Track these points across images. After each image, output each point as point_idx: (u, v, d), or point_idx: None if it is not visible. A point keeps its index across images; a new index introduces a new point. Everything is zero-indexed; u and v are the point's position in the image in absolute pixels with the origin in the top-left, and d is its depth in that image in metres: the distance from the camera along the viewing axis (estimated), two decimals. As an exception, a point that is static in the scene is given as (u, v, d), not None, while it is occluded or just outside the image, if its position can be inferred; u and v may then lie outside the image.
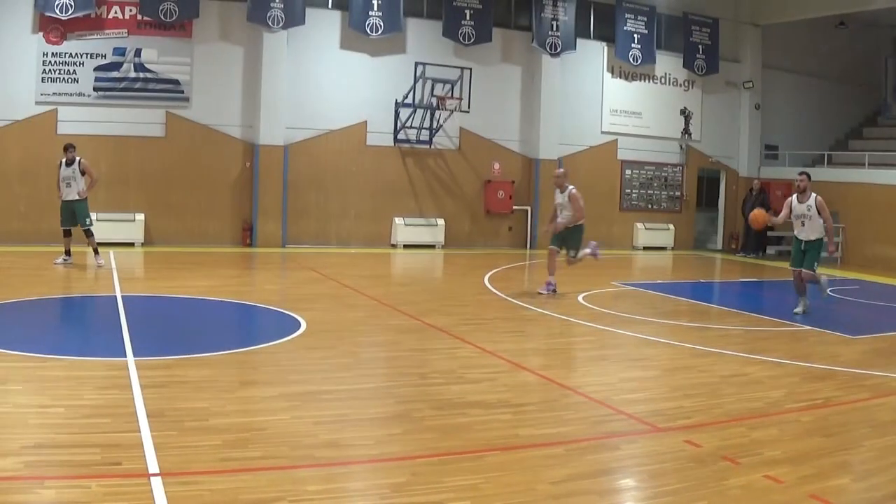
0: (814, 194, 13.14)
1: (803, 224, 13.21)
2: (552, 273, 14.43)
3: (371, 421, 6.78)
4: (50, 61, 19.69)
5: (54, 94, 19.71)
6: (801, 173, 13.52)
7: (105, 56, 19.92)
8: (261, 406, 7.08)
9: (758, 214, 13.90)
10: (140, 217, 20.13)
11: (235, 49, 21.22)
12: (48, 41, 19.61)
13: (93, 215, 16.38)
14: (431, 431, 6.45)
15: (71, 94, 19.82)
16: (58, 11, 19.24)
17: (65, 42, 19.73)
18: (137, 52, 20.17)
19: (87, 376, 7.77)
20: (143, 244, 20.04)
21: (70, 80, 19.78)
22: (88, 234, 16.08)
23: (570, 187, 14.49)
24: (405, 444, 6.21)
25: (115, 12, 20.02)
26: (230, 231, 21.15)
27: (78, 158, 15.89)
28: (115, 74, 20.06)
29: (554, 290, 14.23)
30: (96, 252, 16.10)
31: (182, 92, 20.55)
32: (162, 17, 20.03)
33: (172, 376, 7.85)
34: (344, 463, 5.84)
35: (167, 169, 20.57)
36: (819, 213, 13.02)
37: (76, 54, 19.80)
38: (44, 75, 19.64)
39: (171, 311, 11.94)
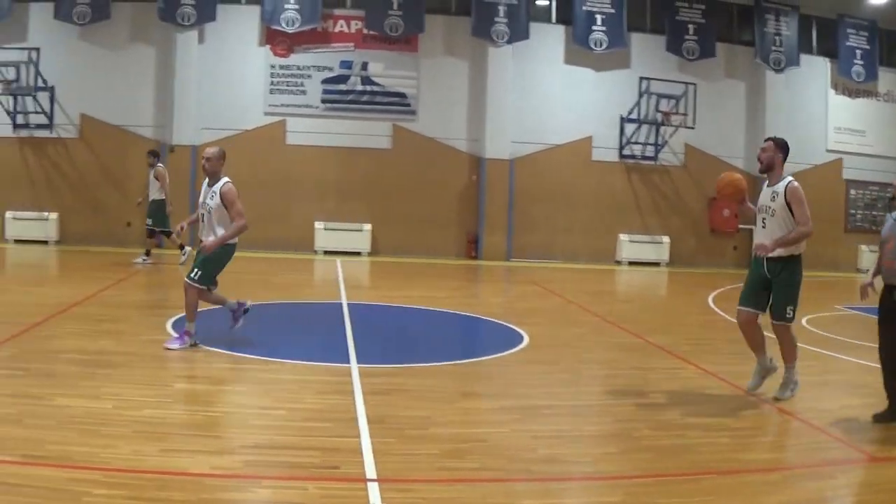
0: (789, 178, 8.15)
1: (764, 224, 8.21)
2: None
3: (589, 438, 6.90)
4: (277, 73, 21.32)
5: (282, 105, 21.33)
6: (766, 139, 8.47)
7: (332, 69, 21.32)
8: (480, 418, 7.29)
9: (729, 177, 8.74)
10: (367, 227, 21.37)
11: (461, 63, 22.15)
12: (275, 54, 21.27)
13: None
14: (648, 451, 6.48)
15: (299, 106, 21.36)
16: (284, 25, 20.84)
17: (292, 55, 21.29)
18: (364, 66, 21.44)
19: (310, 380, 8.36)
20: (369, 254, 21.24)
21: (298, 92, 21.31)
22: (151, 234, 17.80)
23: None
24: (621, 463, 6.28)
25: (341, 26, 21.43)
26: (455, 243, 21.89)
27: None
28: (342, 87, 21.44)
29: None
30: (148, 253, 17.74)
31: (409, 105, 21.62)
32: (388, 31, 21.17)
33: (394, 384, 8.24)
34: (559, 479, 5.93)
35: (394, 180, 21.66)
36: (790, 208, 8.04)
37: (303, 67, 21.35)
38: (272, 87, 21.34)
39: (395, 320, 12.57)
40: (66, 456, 5.98)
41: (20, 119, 21.61)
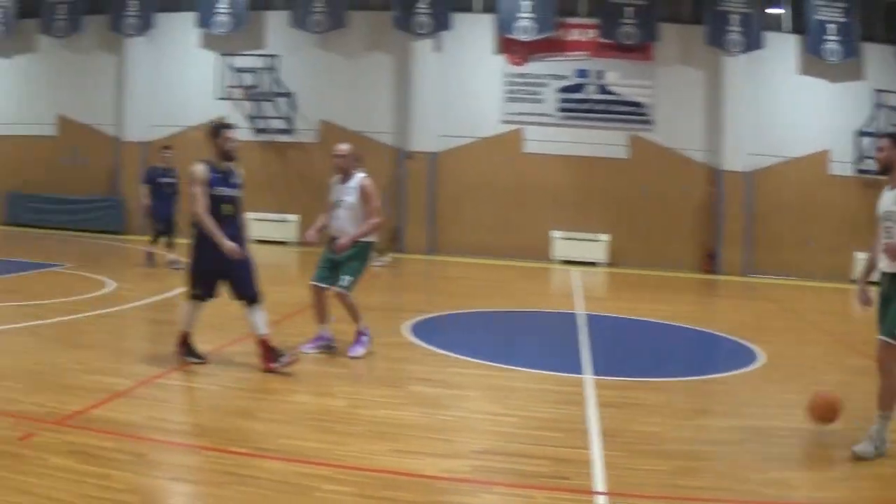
0: None
1: (890, 233, 7.04)
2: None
3: (820, 462, 6.89)
4: (513, 82, 21.91)
5: (519, 113, 21.93)
6: (882, 136, 7.32)
7: (567, 77, 21.68)
8: (711, 436, 7.27)
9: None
10: (604, 238, 21.60)
11: (696, 72, 22.08)
12: (511, 62, 21.89)
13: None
14: (875, 480, 6.42)
15: (535, 115, 21.88)
16: (519, 33, 21.42)
17: (527, 64, 21.77)
18: (600, 75, 21.63)
19: (543, 389, 8.67)
20: (606, 265, 21.49)
21: (534, 101, 21.84)
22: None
23: None
24: (847, 490, 6.24)
25: (576, 35, 21.76)
26: (691, 256, 21.81)
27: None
28: (578, 96, 21.76)
29: None
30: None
31: (645, 115, 21.67)
32: (621, 39, 21.32)
33: (628, 398, 8.38)
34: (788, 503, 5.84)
35: (630, 191, 21.91)
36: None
37: (539, 75, 21.86)
38: (508, 95, 21.92)
39: (629, 333, 12.85)
40: (298, 451, 6.44)
41: (261, 124, 22.60)
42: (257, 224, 22.06)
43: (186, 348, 8.96)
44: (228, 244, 8.54)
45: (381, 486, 5.79)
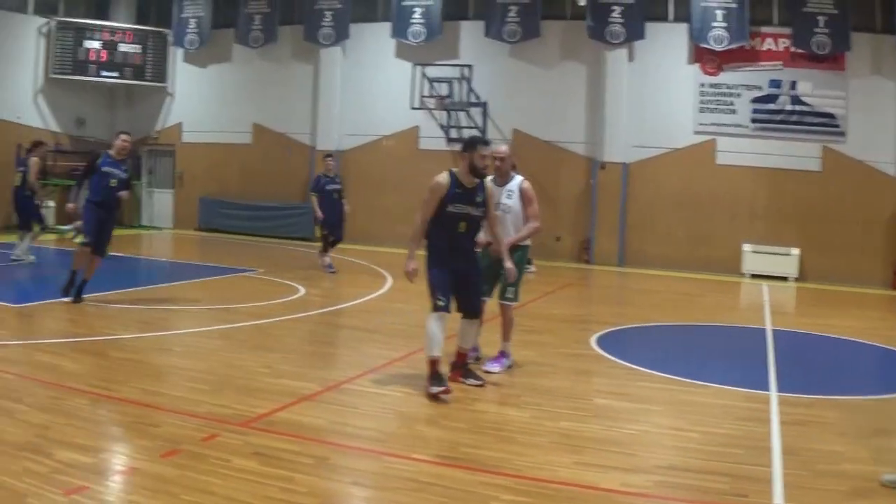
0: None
1: None
2: None
3: None
4: (707, 92, 23.06)
5: (712, 124, 22.98)
6: None
7: (761, 88, 22.62)
8: (892, 457, 7.33)
9: None
10: (795, 252, 22.35)
11: (889, 83, 22.25)
12: (704, 72, 23.06)
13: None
14: None
15: (728, 125, 22.88)
16: (712, 43, 22.62)
17: (721, 73, 22.83)
18: (793, 85, 22.51)
19: (727, 405, 8.90)
20: (795, 279, 22.06)
21: (727, 111, 22.90)
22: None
23: None
24: None
25: (769, 44, 22.74)
26: (881, 272, 22.11)
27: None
28: (771, 107, 22.65)
29: None
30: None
31: (837, 126, 22.29)
32: (814, 49, 22.12)
33: (812, 416, 8.57)
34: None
35: (822, 204, 22.47)
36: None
37: (732, 85, 22.86)
38: (701, 105, 23.09)
39: (816, 349, 13.14)
40: (479, 459, 6.84)
41: (454, 133, 23.61)
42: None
43: (434, 378, 8.76)
44: (409, 265, 8.88)
45: (562, 499, 6.12)
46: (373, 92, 26.53)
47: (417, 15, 25.11)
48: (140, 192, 29.51)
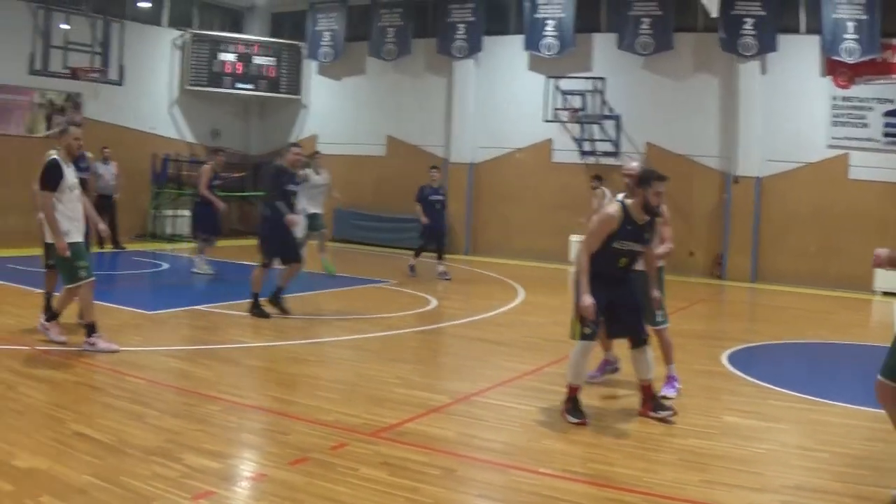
0: None
1: None
2: None
3: None
4: (839, 105, 23.35)
5: (844, 138, 23.22)
6: None
7: (893, 101, 22.80)
8: None
9: None
10: None
11: None
12: (837, 85, 23.35)
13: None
14: None
15: (861, 140, 23.09)
16: (844, 55, 22.91)
17: (853, 86, 23.07)
18: None
19: (855, 425, 9.01)
20: None
21: (859, 125, 23.14)
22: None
23: None
24: None
25: None
26: None
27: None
28: None
29: None
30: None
31: None
32: None
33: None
34: None
35: None
36: None
37: (864, 98, 23.09)
38: (834, 119, 23.41)
39: None
40: (606, 475, 7.07)
41: (587, 146, 23.47)
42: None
43: (572, 404, 8.69)
44: (585, 301, 8.34)
45: (689, 517, 6.56)
46: (505, 104, 27.69)
47: (550, 27, 25.81)
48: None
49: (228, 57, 29.78)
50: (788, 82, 23.70)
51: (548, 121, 25.55)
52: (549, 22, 26.04)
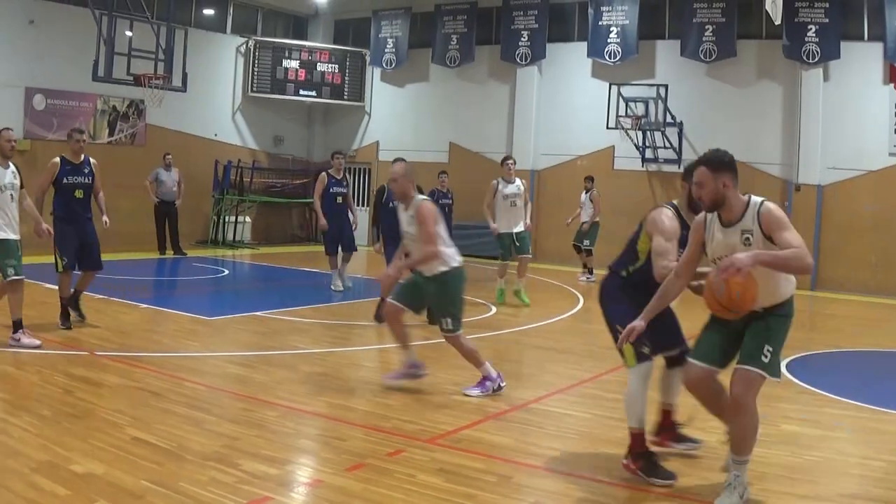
0: None
1: None
2: None
3: None
4: None
5: None
6: None
7: None
8: None
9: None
10: None
11: None
12: None
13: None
14: None
15: None
16: None
17: None
18: None
19: None
20: None
21: None
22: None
23: None
24: None
25: None
26: None
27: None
28: None
29: None
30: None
31: None
32: None
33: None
34: None
35: None
36: None
37: None
38: None
39: None
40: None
41: (648, 153, 23.28)
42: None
43: (645, 461, 7.30)
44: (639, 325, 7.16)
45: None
46: (568, 111, 28.18)
47: (613, 34, 26.10)
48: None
49: (292, 64, 30.37)
50: (851, 89, 23.83)
51: (610, 128, 25.64)
52: (613, 29, 26.35)
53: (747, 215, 6.61)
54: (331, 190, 17.58)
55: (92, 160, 13.20)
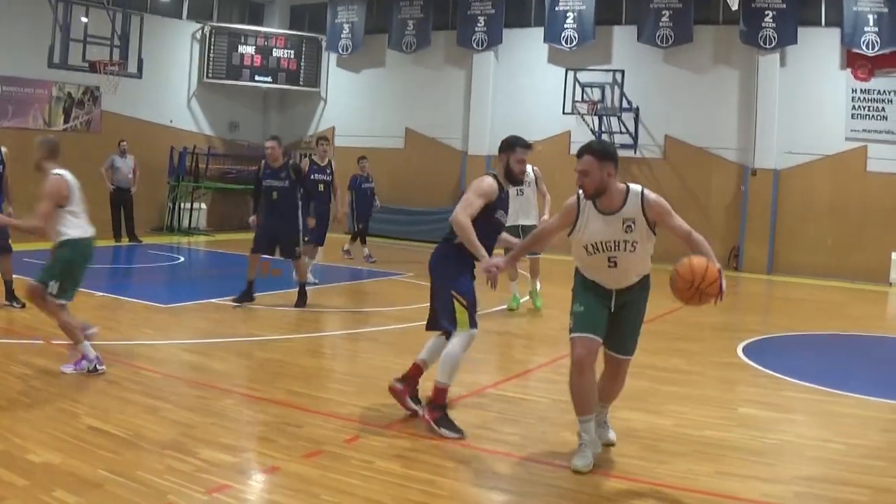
0: None
1: None
2: None
3: None
4: (858, 98, 23.70)
5: (863, 130, 23.61)
6: None
7: None
8: None
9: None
10: None
11: None
12: (856, 77, 23.68)
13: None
14: None
15: (880, 132, 23.43)
16: (864, 48, 23.30)
17: (872, 78, 23.42)
18: None
19: (871, 416, 9.09)
20: None
21: (878, 118, 23.53)
22: None
23: None
24: None
25: None
26: None
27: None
28: None
29: None
30: None
31: None
32: None
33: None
34: None
35: None
36: None
37: (884, 91, 23.42)
38: (852, 112, 23.74)
39: None
40: (620, 467, 7.08)
41: (604, 139, 23.54)
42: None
43: (412, 389, 8.31)
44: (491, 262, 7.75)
45: (700, 508, 6.79)
46: (524, 96, 28.29)
47: (570, 20, 26.27)
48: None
49: (248, 50, 30.27)
50: (808, 75, 24.15)
51: (566, 113, 25.32)
52: (570, 14, 26.51)
53: (629, 204, 6.90)
54: (311, 177, 17.00)
55: (3, 148, 13.07)
